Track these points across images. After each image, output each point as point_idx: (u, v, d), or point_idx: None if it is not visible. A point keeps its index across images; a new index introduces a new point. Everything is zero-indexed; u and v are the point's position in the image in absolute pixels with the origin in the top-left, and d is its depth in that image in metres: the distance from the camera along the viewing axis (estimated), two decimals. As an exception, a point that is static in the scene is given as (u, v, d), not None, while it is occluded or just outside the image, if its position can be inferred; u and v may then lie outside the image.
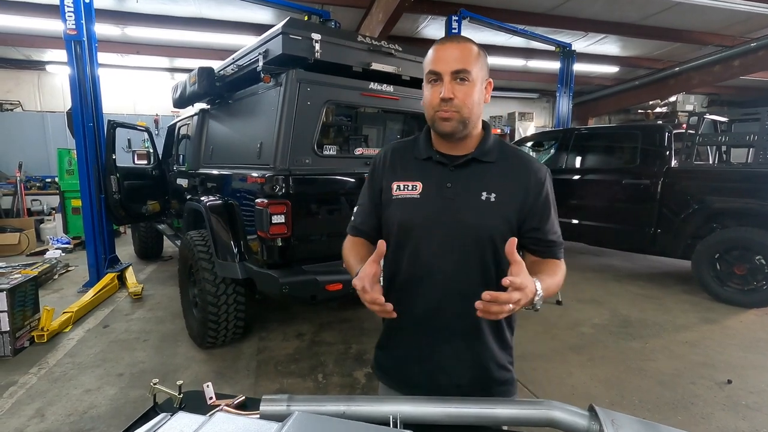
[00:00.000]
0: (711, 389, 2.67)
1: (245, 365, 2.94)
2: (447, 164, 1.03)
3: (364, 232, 1.15)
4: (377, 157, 1.16)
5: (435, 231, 1.01)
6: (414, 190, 1.04)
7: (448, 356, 1.05)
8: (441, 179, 1.03)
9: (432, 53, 0.98)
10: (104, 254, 4.70)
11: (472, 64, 0.95)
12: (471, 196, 1.01)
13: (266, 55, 2.57)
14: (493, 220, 1.00)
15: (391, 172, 1.09)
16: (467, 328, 1.03)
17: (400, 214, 1.05)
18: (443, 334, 1.05)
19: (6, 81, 8.84)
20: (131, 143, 7.98)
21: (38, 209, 8.13)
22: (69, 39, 4.23)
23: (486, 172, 1.03)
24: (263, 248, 2.61)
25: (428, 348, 1.06)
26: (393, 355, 1.14)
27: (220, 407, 0.86)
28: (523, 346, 3.30)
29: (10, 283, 3.03)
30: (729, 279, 4.17)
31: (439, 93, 0.95)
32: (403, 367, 1.10)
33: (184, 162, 4.34)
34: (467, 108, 0.96)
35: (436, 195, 1.02)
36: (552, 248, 1.05)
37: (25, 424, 2.27)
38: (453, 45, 0.96)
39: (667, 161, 4.54)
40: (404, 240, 1.04)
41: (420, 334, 1.06)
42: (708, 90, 11.54)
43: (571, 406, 0.86)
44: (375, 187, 1.12)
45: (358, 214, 1.16)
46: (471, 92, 0.96)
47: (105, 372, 2.83)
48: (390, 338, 1.15)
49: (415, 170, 1.06)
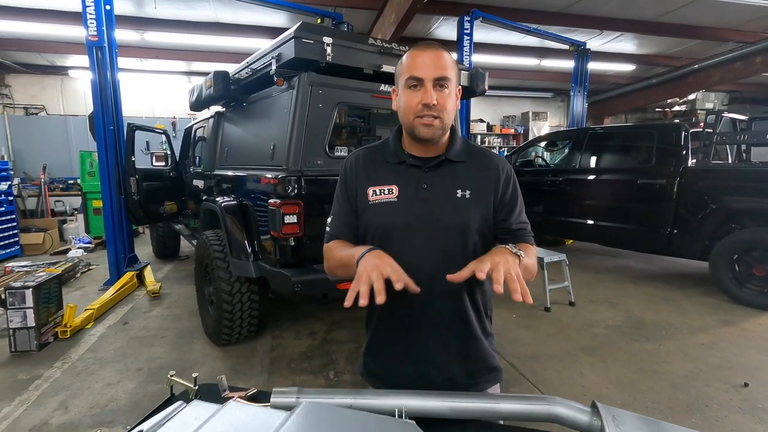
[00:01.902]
0: (727, 392, 2.62)
1: (259, 362, 3.00)
2: (421, 166, 1.06)
3: (343, 239, 1.13)
4: (346, 165, 1.15)
5: (416, 231, 1.04)
6: (391, 193, 1.06)
7: (438, 352, 1.08)
8: (417, 181, 1.06)
9: (410, 60, 0.99)
10: (124, 253, 4.85)
11: (450, 72, 0.99)
12: (447, 194, 1.05)
13: (279, 59, 2.63)
14: (472, 215, 1.05)
15: (364, 178, 1.10)
16: (454, 321, 1.07)
17: (379, 218, 1.06)
18: (431, 331, 1.07)
19: (31, 86, 9.16)
20: (149, 145, 8.21)
21: (61, 210, 8.41)
22: (91, 45, 4.38)
23: (458, 171, 1.07)
24: (276, 247, 2.67)
25: (418, 346, 1.08)
26: (383, 357, 1.14)
27: (233, 398, 0.90)
28: (534, 346, 3.29)
29: (35, 281, 3.16)
30: (748, 281, 4.08)
31: (420, 99, 0.97)
32: (395, 368, 1.11)
33: (200, 163, 4.45)
34: (447, 113, 1.00)
35: (414, 197, 1.05)
36: (521, 235, 1.10)
37: (50, 415, 2.37)
38: (433, 52, 0.98)
39: (684, 161, 4.46)
40: (386, 243, 1.04)
41: (408, 334, 1.08)
42: (729, 87, 11.25)
43: (574, 402, 0.88)
44: (350, 193, 1.12)
45: (334, 222, 1.15)
46: (450, 98, 1.00)
47: (124, 367, 2.93)
48: (378, 342, 1.15)
49: (389, 174, 1.08)
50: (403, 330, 1.09)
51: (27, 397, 2.55)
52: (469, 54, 6.16)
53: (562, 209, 5.69)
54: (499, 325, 3.68)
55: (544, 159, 6.75)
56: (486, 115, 12.21)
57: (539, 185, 5.99)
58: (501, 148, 11.81)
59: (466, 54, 6.13)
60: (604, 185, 5.31)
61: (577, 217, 5.52)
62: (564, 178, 5.70)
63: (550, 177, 5.92)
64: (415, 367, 1.09)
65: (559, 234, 6.42)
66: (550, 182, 5.87)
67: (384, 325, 1.13)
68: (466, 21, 6.06)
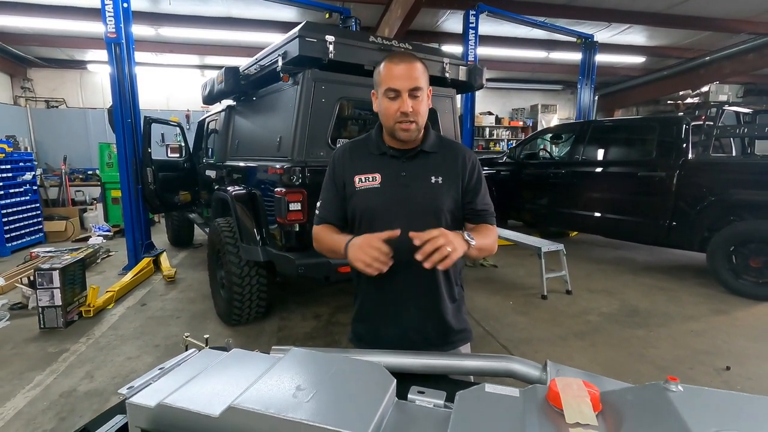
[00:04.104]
0: (708, 374, 2.75)
1: (267, 341, 3.22)
2: (400, 157, 1.24)
3: (331, 222, 1.30)
4: (336, 156, 1.32)
5: (396, 212, 1.21)
6: (374, 180, 1.24)
7: (416, 316, 1.27)
8: (397, 170, 1.24)
9: (386, 71, 1.15)
10: (141, 240, 5.10)
11: (422, 81, 1.15)
12: (422, 181, 1.23)
13: (285, 57, 2.79)
14: (443, 197, 1.24)
15: (351, 167, 1.26)
16: (428, 289, 1.26)
17: (365, 202, 1.24)
18: (410, 299, 1.26)
19: (52, 80, 9.49)
20: (164, 137, 8.48)
21: (81, 199, 8.75)
22: (109, 42, 4.59)
23: (432, 161, 1.25)
24: (282, 233, 2.87)
25: (398, 310, 1.28)
26: (369, 322, 1.34)
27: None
28: (528, 331, 3.44)
29: (62, 263, 3.41)
30: (744, 272, 4.15)
31: (398, 107, 1.14)
32: (378, 331, 1.31)
33: (213, 155, 4.66)
34: (422, 117, 1.18)
35: (394, 183, 1.23)
36: (484, 215, 1.28)
37: (78, 383, 2.61)
38: (406, 65, 1.14)
39: (684, 154, 4.51)
40: (370, 223, 1.22)
41: (390, 301, 1.28)
42: (743, 79, 11.05)
43: (528, 361, 1.04)
44: (337, 181, 1.28)
45: (323, 207, 1.31)
46: (423, 103, 1.18)
47: (143, 343, 3.17)
48: (365, 310, 1.35)
49: (372, 163, 1.25)
50: (385, 298, 1.28)
51: (56, 368, 2.80)
52: (474, 47, 6.22)
53: (566, 201, 5.78)
54: (496, 311, 3.84)
55: (548, 152, 6.81)
56: (495, 107, 12.22)
57: (543, 178, 6.09)
58: (509, 141, 11.83)
59: (471, 47, 6.20)
60: (606, 178, 5.38)
61: (580, 209, 5.60)
62: (567, 170, 5.78)
63: (554, 169, 6.00)
64: (396, 328, 1.28)
65: (563, 226, 6.52)
66: (553, 174, 5.96)
67: (369, 295, 1.33)
68: (471, 15, 6.12)
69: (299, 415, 0.64)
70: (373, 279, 1.24)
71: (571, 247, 4.38)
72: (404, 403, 0.78)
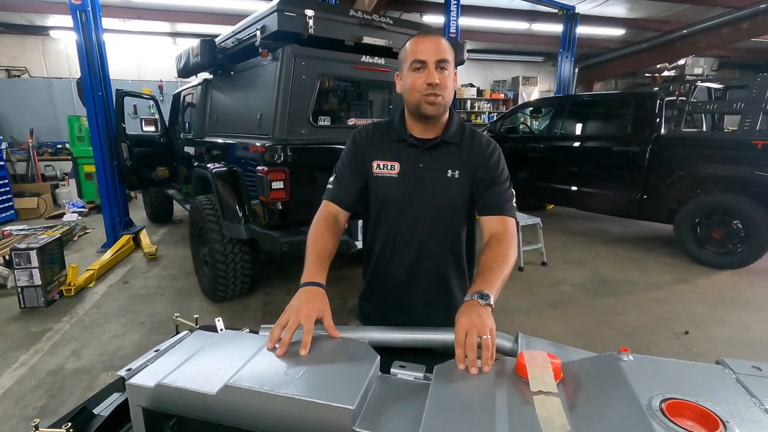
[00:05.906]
0: (668, 339, 2.97)
1: (252, 316, 3.28)
2: (419, 146, 1.21)
3: (341, 201, 1.26)
4: (361, 132, 1.28)
5: (410, 204, 1.23)
6: (393, 169, 1.23)
7: (421, 304, 1.32)
8: (414, 160, 1.22)
9: (413, 45, 1.13)
10: (119, 217, 5.02)
11: (449, 55, 1.13)
12: (439, 174, 1.21)
13: (263, 31, 2.73)
14: (455, 192, 1.22)
15: (371, 151, 1.25)
16: (437, 281, 1.30)
17: (382, 190, 1.24)
18: (417, 286, 1.31)
19: (11, 47, 8.92)
20: (137, 109, 8.16)
21: (51, 174, 8.42)
22: (74, 8, 4.34)
23: (451, 153, 1.22)
24: (265, 211, 2.88)
25: (404, 298, 1.32)
26: (375, 304, 1.39)
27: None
28: (504, 302, 3.60)
29: (39, 242, 3.35)
30: (707, 242, 4.40)
31: (425, 79, 1.10)
32: (383, 313, 1.36)
33: (190, 130, 4.55)
34: (448, 92, 1.14)
35: (411, 174, 1.21)
36: (502, 206, 1.21)
37: (64, 361, 2.64)
38: (433, 38, 1.12)
39: (657, 129, 4.65)
40: (384, 212, 1.26)
41: (398, 287, 1.32)
42: (718, 53, 11.26)
43: (502, 333, 1.12)
44: (358, 158, 1.25)
45: (337, 182, 1.27)
46: (449, 78, 1.13)
47: (128, 321, 3.19)
48: (372, 291, 1.39)
49: (392, 151, 1.24)
50: (395, 284, 1.32)
51: (41, 347, 2.81)
52: (456, 18, 6.14)
53: (543, 175, 5.91)
54: (474, 283, 3.98)
55: (528, 126, 6.89)
56: (476, 79, 12.16)
57: (522, 152, 6.18)
58: (490, 113, 11.85)
59: (453, 18, 6.12)
60: (583, 152, 5.49)
61: (557, 183, 5.74)
62: (546, 144, 5.88)
63: (533, 143, 6.10)
64: (402, 313, 1.32)
65: (541, 199, 6.68)
66: (532, 149, 6.05)
67: (379, 278, 1.36)
68: (453, -16, 6.01)
69: (291, 391, 0.70)
70: (382, 260, 1.32)
71: (547, 219, 4.53)
72: (387, 377, 0.86)
